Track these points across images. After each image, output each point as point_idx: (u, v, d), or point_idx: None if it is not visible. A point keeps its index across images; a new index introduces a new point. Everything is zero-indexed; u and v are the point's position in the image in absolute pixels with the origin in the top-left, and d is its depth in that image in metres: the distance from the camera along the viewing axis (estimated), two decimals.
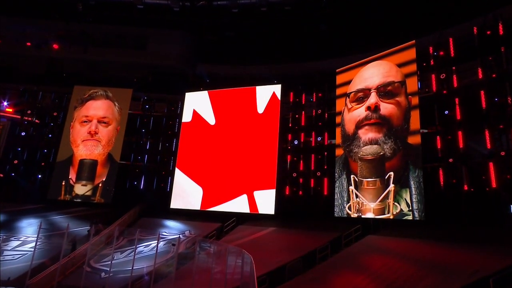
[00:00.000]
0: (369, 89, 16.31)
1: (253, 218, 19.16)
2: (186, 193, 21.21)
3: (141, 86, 24.30)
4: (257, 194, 19.31)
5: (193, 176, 21.43)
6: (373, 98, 15.95)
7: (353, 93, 17.10)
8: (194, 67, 25.73)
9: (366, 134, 15.90)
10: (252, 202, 19.30)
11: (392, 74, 15.78)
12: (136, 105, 24.06)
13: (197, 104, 22.84)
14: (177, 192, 21.56)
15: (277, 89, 20.81)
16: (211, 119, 22.13)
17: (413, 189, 13.84)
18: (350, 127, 16.93)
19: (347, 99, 17.38)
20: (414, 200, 13.73)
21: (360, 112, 16.47)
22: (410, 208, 13.75)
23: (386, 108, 15.53)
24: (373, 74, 16.56)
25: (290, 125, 20.89)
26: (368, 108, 15.99)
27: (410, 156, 14.33)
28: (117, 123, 22.99)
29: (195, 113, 22.72)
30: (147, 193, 22.29)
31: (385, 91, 15.69)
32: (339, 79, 18.45)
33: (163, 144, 23.72)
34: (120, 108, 23.19)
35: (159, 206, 21.33)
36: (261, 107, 20.86)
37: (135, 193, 22.27)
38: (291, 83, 21.48)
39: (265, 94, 20.97)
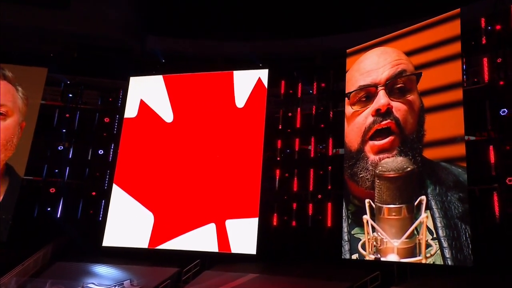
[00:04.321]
0: (376, 85, 16.47)
1: (226, 259, 19.06)
2: (128, 222, 20.74)
3: (62, 64, 23.48)
4: (231, 224, 19.07)
5: (139, 197, 20.99)
6: (383, 98, 16.04)
7: (353, 93, 17.36)
8: (143, 40, 25.54)
9: (376, 151, 15.90)
10: (222, 236, 19.02)
11: (403, 62, 16.15)
12: (53, 92, 23.23)
13: (147, 93, 22.60)
14: (114, 222, 20.95)
15: (263, 75, 20.76)
16: (167, 115, 21.85)
17: (435, 211, 13.90)
18: (353, 140, 16.99)
19: (347, 101, 17.80)
20: (439, 224, 13.59)
21: (365, 117, 16.57)
22: (435, 236, 13.59)
23: (399, 110, 15.74)
24: (378, 63, 16.74)
25: (280, 127, 20.98)
26: (377, 111, 16.07)
27: (427, 173, 14.54)
28: (21, 117, 21.80)
29: (143, 106, 22.39)
30: (67, 224, 21.28)
31: (396, 87, 15.98)
32: (350, 62, 18.37)
33: (94, 150, 23.01)
34: (25, 95, 22.03)
35: (85, 243, 20.47)
36: (240, 101, 20.76)
37: (47, 225, 21.27)
38: (282, 68, 21.66)
39: (246, 82, 20.91)
